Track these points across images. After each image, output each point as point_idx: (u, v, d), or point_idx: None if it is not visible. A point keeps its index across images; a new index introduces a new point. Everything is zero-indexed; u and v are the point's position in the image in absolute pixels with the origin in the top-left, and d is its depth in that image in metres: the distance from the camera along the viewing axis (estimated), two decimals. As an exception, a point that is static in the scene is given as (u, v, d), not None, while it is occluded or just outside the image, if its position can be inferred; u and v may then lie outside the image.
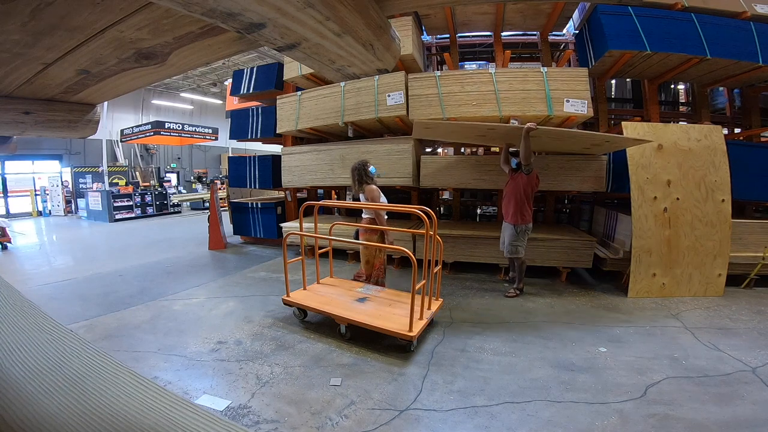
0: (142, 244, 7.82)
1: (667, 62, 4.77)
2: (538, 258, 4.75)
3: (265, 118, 6.86)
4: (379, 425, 2.09)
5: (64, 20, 1.19)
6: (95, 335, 3.25)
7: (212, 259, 6.36)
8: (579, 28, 5.53)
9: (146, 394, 0.57)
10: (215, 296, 4.34)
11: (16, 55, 1.39)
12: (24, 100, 1.93)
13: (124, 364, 0.63)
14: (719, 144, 4.15)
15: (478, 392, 2.41)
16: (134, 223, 11.43)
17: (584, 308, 3.86)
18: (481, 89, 4.65)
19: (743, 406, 2.22)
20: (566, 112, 4.40)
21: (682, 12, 4.53)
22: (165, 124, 13.19)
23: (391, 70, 2.01)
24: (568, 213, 6.48)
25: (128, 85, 1.95)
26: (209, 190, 8.44)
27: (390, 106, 5.01)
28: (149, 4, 1.14)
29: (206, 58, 1.74)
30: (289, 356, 2.88)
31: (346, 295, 3.54)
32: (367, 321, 3.00)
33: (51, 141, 13.63)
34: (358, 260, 5.86)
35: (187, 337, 3.22)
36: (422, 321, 3.00)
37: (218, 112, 19.18)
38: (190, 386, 2.48)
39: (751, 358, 2.75)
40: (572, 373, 2.61)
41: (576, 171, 4.73)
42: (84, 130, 2.33)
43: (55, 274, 5.39)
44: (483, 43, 6.78)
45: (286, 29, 1.15)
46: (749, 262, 4.28)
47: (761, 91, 5.83)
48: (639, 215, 4.09)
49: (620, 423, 2.09)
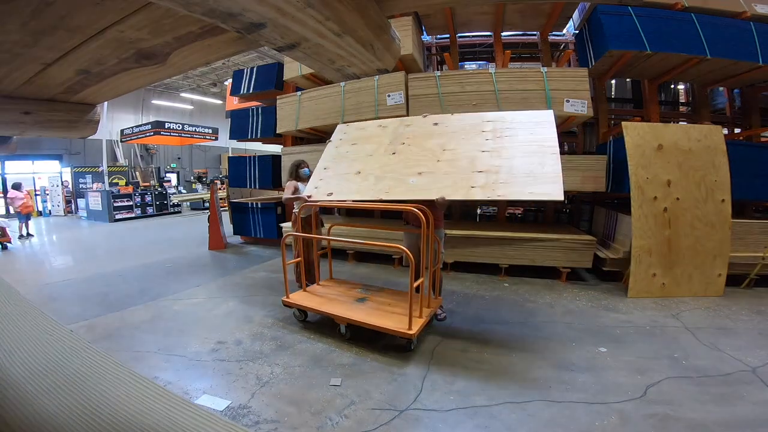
0: (142, 244, 7.82)
1: (667, 62, 4.77)
2: (538, 258, 4.75)
3: (265, 118, 6.86)
4: (379, 425, 2.09)
5: (64, 20, 1.19)
6: (95, 335, 3.25)
7: (212, 259, 6.36)
8: (579, 28, 5.53)
9: (146, 394, 0.57)
10: (215, 296, 4.34)
11: (16, 55, 1.39)
12: (24, 100, 1.93)
13: (124, 364, 0.63)
14: (719, 144, 4.14)
15: (478, 392, 2.41)
16: (134, 223, 11.43)
17: (584, 308, 3.86)
18: (481, 89, 4.66)
19: (743, 406, 2.22)
20: (566, 112, 4.40)
21: (682, 12, 4.53)
22: (165, 124, 13.20)
23: (391, 70, 2.01)
24: (568, 213, 6.48)
25: (128, 85, 1.95)
26: (209, 190, 8.44)
27: (390, 106, 5.02)
28: (149, 4, 1.14)
29: (206, 58, 1.74)
30: (289, 356, 2.88)
31: (345, 295, 3.55)
32: (367, 320, 3.00)
33: (51, 141, 13.63)
34: (358, 260, 5.88)
35: (187, 337, 3.22)
36: (421, 319, 2.99)
37: (218, 112, 19.16)
38: (190, 386, 2.48)
39: (751, 358, 2.75)
40: (572, 373, 2.61)
41: (576, 171, 4.72)
42: (84, 130, 2.33)
43: (55, 274, 5.40)
44: (483, 43, 6.78)
45: (286, 29, 1.15)
46: (749, 262, 4.28)
47: (761, 91, 5.83)
48: (639, 215, 4.09)
49: (620, 423, 2.09)
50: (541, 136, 3.04)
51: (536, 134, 3.07)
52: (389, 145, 3.57)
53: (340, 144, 3.95)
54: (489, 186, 2.85)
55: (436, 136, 3.42)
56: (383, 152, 3.54)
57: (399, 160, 3.38)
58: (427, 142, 3.42)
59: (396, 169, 3.32)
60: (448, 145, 3.29)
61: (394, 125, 3.78)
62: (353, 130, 4.06)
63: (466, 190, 2.91)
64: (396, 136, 3.65)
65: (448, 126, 3.47)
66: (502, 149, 3.06)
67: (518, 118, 3.26)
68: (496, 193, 2.81)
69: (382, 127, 3.84)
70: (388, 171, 3.35)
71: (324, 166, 3.75)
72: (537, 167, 2.85)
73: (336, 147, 3.94)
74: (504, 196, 2.81)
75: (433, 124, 3.55)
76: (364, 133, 3.92)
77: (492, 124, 3.30)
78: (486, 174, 2.93)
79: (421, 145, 3.41)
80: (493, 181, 2.87)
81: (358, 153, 3.69)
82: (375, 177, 3.38)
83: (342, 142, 3.97)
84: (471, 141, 3.22)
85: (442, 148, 3.28)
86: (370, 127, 3.96)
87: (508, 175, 2.88)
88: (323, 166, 3.77)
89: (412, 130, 3.61)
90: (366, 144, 3.74)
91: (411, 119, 3.82)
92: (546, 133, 3.04)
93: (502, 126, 3.24)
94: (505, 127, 3.22)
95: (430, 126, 3.56)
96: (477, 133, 3.26)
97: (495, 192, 2.81)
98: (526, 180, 2.81)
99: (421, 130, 3.56)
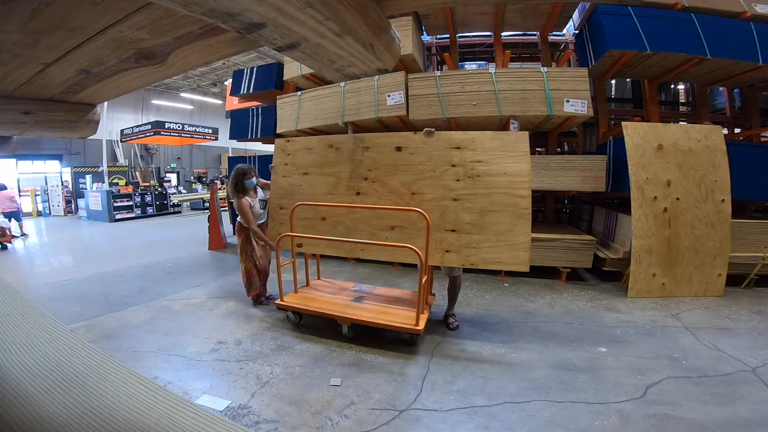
0: (142, 244, 7.82)
1: (667, 62, 4.77)
2: (538, 258, 4.74)
3: (265, 118, 6.86)
4: (379, 425, 2.09)
5: (64, 20, 1.19)
6: (95, 335, 3.25)
7: (212, 259, 6.35)
8: (579, 28, 5.53)
9: (146, 394, 0.57)
10: (215, 296, 4.34)
11: (16, 55, 1.39)
12: (24, 100, 1.93)
13: (124, 364, 0.63)
14: (719, 144, 4.15)
15: (478, 392, 2.41)
16: (134, 223, 11.43)
17: (584, 308, 3.86)
18: (481, 89, 4.65)
19: (743, 406, 2.22)
20: (566, 112, 4.40)
21: (682, 12, 4.53)
22: (165, 124, 13.21)
23: (391, 70, 2.01)
24: (568, 213, 6.48)
25: (128, 85, 1.95)
26: (209, 190, 8.44)
27: (390, 106, 5.01)
28: (149, 4, 1.14)
29: (206, 58, 1.74)
30: (289, 356, 2.88)
31: (340, 294, 3.55)
32: (372, 319, 3.02)
33: (51, 141, 13.64)
34: (358, 260, 5.87)
35: (187, 337, 3.22)
36: (425, 315, 3.04)
37: (218, 112, 19.16)
38: (190, 386, 2.48)
39: (751, 358, 2.75)
40: (572, 373, 2.61)
41: (576, 171, 4.73)
42: (84, 130, 2.33)
43: (55, 274, 5.39)
44: (483, 43, 6.78)
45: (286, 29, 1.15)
46: (749, 262, 4.28)
47: (761, 91, 5.84)
48: (639, 215, 4.09)
49: (620, 423, 2.09)
50: (514, 172, 2.87)
51: (509, 170, 2.88)
52: (350, 181, 3.29)
53: (289, 173, 3.57)
54: (462, 251, 2.97)
55: (401, 169, 3.16)
56: (345, 189, 3.28)
57: (366, 204, 3.21)
58: (391, 178, 3.17)
59: (366, 218, 3.21)
60: (414, 185, 3.10)
61: (350, 147, 3.36)
62: (300, 151, 3.58)
63: (441, 254, 3.01)
64: (355, 165, 3.30)
65: (413, 153, 3.14)
66: (473, 197, 2.96)
67: (489, 145, 2.97)
68: (469, 261, 2.96)
69: (336, 150, 3.40)
70: (358, 221, 3.25)
71: (279, 205, 3.49)
72: (507, 228, 2.88)
73: (284, 177, 3.57)
74: (476, 265, 2.96)
75: (396, 148, 3.21)
76: (314, 157, 3.48)
77: (460, 153, 3.02)
78: (458, 235, 2.99)
79: (386, 184, 3.19)
80: (466, 244, 2.97)
81: (315, 188, 3.37)
82: (345, 227, 3.28)
83: (289, 170, 3.58)
84: (439, 182, 3.01)
85: (410, 191, 3.11)
86: (318, 147, 3.50)
87: (480, 236, 2.94)
88: (278, 205, 3.49)
89: (372, 158, 3.27)
90: (321, 175, 3.40)
91: (368, 139, 3.35)
92: (520, 169, 2.86)
93: (472, 156, 2.99)
94: (475, 159, 2.97)
95: (392, 152, 3.21)
96: (445, 165, 3.02)
97: (468, 259, 2.96)
98: (497, 245, 2.90)
99: (383, 158, 3.23)
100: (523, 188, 2.86)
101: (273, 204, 3.65)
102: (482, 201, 2.94)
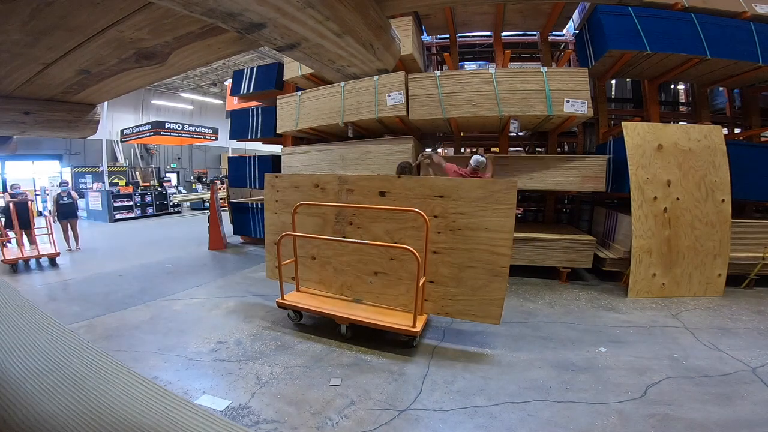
0: (142, 244, 7.82)
1: (667, 62, 4.77)
2: (538, 258, 4.75)
3: (265, 118, 6.86)
4: (379, 425, 2.09)
5: (64, 20, 1.19)
6: (95, 335, 3.25)
7: (212, 259, 6.36)
8: (579, 28, 5.53)
9: (146, 394, 0.57)
10: (215, 296, 4.34)
11: (16, 55, 1.39)
12: (24, 100, 1.93)
13: (124, 364, 0.63)
14: (719, 144, 4.15)
15: (478, 392, 2.41)
16: (134, 223, 11.43)
17: (584, 308, 3.86)
18: (481, 89, 4.66)
19: (743, 406, 2.22)
20: (566, 112, 4.40)
21: (682, 12, 4.54)
22: (165, 124, 13.20)
23: (391, 70, 2.00)
24: (568, 213, 6.48)
25: (128, 85, 1.95)
26: (209, 190, 8.44)
27: (390, 106, 5.02)
28: (149, 4, 1.14)
29: (206, 58, 1.74)
30: (288, 356, 2.88)
31: (339, 295, 3.54)
32: (370, 319, 3.02)
33: (51, 141, 13.62)
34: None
35: (187, 337, 3.22)
36: (423, 317, 3.05)
37: (218, 112, 19.16)
38: (190, 386, 2.48)
39: (751, 358, 2.75)
40: (572, 373, 2.61)
41: (576, 171, 4.73)
42: (84, 130, 2.33)
43: (54, 274, 5.39)
44: (483, 43, 6.78)
45: (286, 29, 1.14)
46: (749, 262, 4.28)
47: (761, 91, 5.84)
48: (639, 215, 4.09)
49: (620, 423, 2.09)
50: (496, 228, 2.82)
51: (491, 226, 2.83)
52: (336, 224, 3.44)
53: (279, 210, 3.78)
54: (439, 300, 3.10)
55: (384, 217, 3.22)
56: (331, 232, 3.45)
57: (352, 249, 3.36)
58: (375, 225, 3.26)
59: (352, 262, 3.40)
60: (396, 234, 3.16)
61: (335, 189, 3.44)
62: (288, 189, 3.72)
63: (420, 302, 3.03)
64: (340, 209, 3.40)
65: (396, 199, 3.16)
66: (452, 251, 2.98)
67: (474, 194, 2.88)
68: (444, 311, 3.11)
69: (321, 189, 3.50)
70: (345, 263, 3.44)
71: (273, 241, 3.62)
72: (483, 284, 2.94)
73: (275, 214, 3.80)
74: (450, 315, 3.12)
75: (379, 193, 3.23)
76: (301, 195, 3.60)
77: (443, 202, 2.97)
78: (436, 286, 3.10)
79: (370, 231, 3.29)
80: (442, 295, 3.08)
81: (305, 228, 3.52)
82: (334, 269, 3.49)
83: (280, 207, 3.78)
84: (421, 233, 2.94)
85: (393, 239, 3.16)
86: (304, 185, 3.62)
87: (456, 290, 3.03)
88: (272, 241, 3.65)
89: (357, 201, 3.32)
90: (308, 216, 3.55)
91: (352, 181, 3.39)
92: (502, 225, 2.80)
93: (454, 207, 2.94)
94: (457, 211, 2.93)
95: (375, 197, 3.25)
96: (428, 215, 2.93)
97: (444, 309, 3.10)
98: (471, 300, 2.99)
99: (367, 201, 3.28)
100: (503, 246, 2.83)
101: (268, 240, 3.81)
102: (462, 256, 2.96)
